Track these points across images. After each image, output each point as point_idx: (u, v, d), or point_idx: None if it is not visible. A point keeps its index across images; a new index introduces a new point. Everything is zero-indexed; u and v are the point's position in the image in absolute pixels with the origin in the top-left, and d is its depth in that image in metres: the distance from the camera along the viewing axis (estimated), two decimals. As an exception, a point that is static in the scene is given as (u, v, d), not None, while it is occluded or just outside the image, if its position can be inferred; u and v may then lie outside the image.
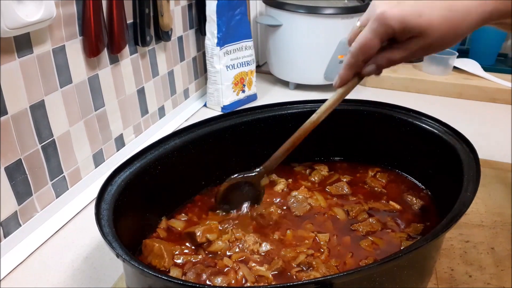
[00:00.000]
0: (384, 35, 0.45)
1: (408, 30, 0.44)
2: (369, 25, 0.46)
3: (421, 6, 0.44)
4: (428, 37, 0.44)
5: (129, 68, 0.76)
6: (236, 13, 0.93)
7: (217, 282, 0.44)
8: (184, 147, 0.56)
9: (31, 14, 0.52)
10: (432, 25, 0.43)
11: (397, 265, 0.40)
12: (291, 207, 0.57)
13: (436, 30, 0.43)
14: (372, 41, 0.46)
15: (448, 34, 0.44)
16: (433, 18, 0.43)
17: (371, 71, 0.49)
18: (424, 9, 0.44)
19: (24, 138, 0.56)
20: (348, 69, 0.50)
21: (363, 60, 0.48)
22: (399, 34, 0.45)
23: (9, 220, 0.56)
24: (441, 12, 0.43)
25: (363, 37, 0.46)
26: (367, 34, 0.46)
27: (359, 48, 0.47)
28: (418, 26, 0.43)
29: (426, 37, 0.44)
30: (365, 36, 0.46)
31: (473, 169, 0.48)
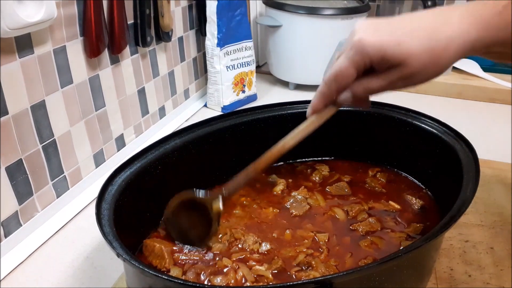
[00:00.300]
0: (360, 64, 0.43)
1: (386, 59, 0.41)
2: (345, 53, 0.43)
3: (401, 34, 0.41)
4: (407, 67, 0.41)
5: (130, 69, 0.76)
6: (236, 14, 0.93)
7: (216, 281, 0.45)
8: (184, 147, 0.57)
9: (32, 15, 0.52)
10: (411, 55, 0.41)
11: (396, 265, 0.40)
12: (290, 207, 0.58)
13: (416, 60, 0.41)
14: (348, 69, 0.44)
15: (429, 64, 0.41)
16: (413, 48, 0.41)
17: (346, 99, 0.46)
18: (403, 38, 0.41)
19: (24, 138, 0.57)
20: (320, 98, 0.48)
21: (337, 90, 0.46)
22: (377, 64, 0.42)
23: (10, 220, 0.56)
24: (421, 41, 0.41)
25: (338, 65, 0.44)
26: (342, 62, 0.44)
27: (333, 77, 0.45)
28: (397, 55, 0.41)
29: (406, 67, 0.41)
30: (341, 64, 0.44)
31: (473, 169, 0.48)
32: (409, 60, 0.41)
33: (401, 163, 0.64)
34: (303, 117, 0.52)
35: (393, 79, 0.43)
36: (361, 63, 0.43)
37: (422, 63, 0.41)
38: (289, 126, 0.63)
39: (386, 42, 0.41)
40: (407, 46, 0.41)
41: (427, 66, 0.41)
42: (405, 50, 0.41)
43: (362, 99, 0.47)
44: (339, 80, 0.45)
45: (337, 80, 0.45)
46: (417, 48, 0.41)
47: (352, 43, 0.42)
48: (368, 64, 0.43)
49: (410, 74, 0.42)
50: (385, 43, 0.41)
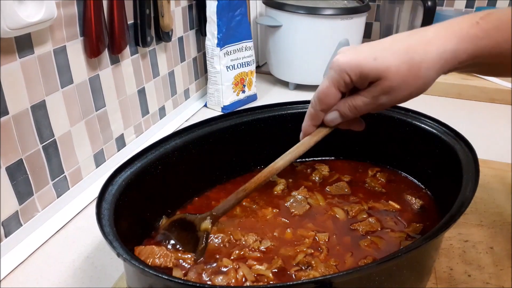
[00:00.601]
0: (340, 82, 0.44)
1: (364, 75, 0.43)
2: (327, 75, 0.46)
3: (377, 51, 0.43)
4: (387, 81, 0.42)
5: (130, 69, 0.76)
6: (236, 14, 0.93)
7: (217, 281, 0.45)
8: (184, 147, 0.57)
9: (32, 15, 0.52)
10: (389, 68, 0.42)
11: (396, 265, 0.40)
12: (290, 207, 0.58)
13: (395, 73, 0.42)
14: (329, 89, 0.45)
15: (409, 76, 0.42)
16: (390, 61, 0.42)
17: (334, 118, 0.48)
18: (379, 53, 0.42)
19: (25, 138, 0.57)
20: (308, 120, 0.49)
21: (322, 110, 0.48)
22: (357, 81, 0.43)
23: (10, 220, 0.57)
24: (398, 54, 0.42)
25: (320, 86, 0.46)
26: (323, 83, 0.46)
27: (317, 97, 0.47)
28: (374, 69, 0.42)
29: (385, 80, 0.42)
30: (323, 85, 0.46)
31: (472, 169, 0.48)
32: (387, 73, 0.42)
33: (401, 163, 0.65)
34: (303, 117, 0.52)
35: (375, 94, 0.44)
36: (340, 81, 0.44)
37: (401, 75, 0.42)
38: (289, 126, 0.63)
39: (362, 59, 0.42)
40: (383, 60, 0.42)
41: (407, 78, 0.42)
42: (381, 63, 0.42)
43: (353, 120, 0.49)
44: (322, 100, 0.47)
45: (320, 100, 0.47)
46: (394, 61, 0.42)
47: (331, 63, 0.45)
48: (349, 81, 0.44)
49: (391, 87, 0.42)
50: (362, 60, 0.42)
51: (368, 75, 0.43)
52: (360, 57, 0.43)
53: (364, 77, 0.43)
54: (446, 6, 1.38)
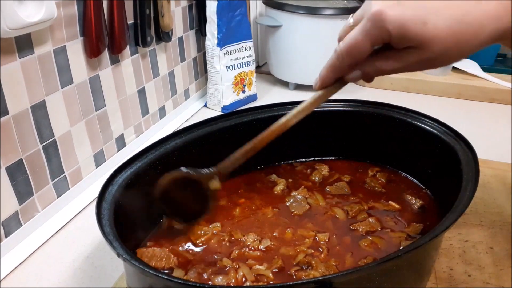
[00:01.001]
0: (377, 39, 0.38)
1: (407, 38, 0.37)
2: (361, 24, 0.39)
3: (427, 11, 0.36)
4: (429, 51, 0.37)
5: (130, 69, 0.76)
6: (236, 14, 0.93)
7: (217, 281, 0.45)
8: (184, 147, 0.57)
9: (32, 15, 0.52)
10: (435, 38, 0.36)
11: (396, 265, 0.40)
12: (290, 207, 0.58)
13: (440, 44, 0.36)
14: (363, 44, 0.39)
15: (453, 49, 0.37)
16: (439, 29, 0.36)
17: (356, 77, 0.42)
18: (430, 15, 0.36)
19: (25, 138, 0.57)
20: (330, 71, 0.43)
21: (349, 65, 0.42)
22: (396, 41, 0.38)
23: (10, 220, 0.57)
24: (449, 22, 0.36)
25: (353, 38, 0.39)
26: (357, 35, 0.39)
27: (346, 50, 0.41)
28: (420, 36, 0.36)
29: (427, 50, 0.37)
30: (355, 38, 0.39)
31: (472, 169, 0.48)
32: (432, 43, 0.36)
33: (401, 163, 0.65)
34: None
35: (411, 62, 0.39)
36: (378, 38, 0.38)
37: (445, 48, 0.36)
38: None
39: (409, 19, 0.36)
40: (433, 26, 0.36)
41: (450, 50, 0.37)
42: (430, 31, 0.36)
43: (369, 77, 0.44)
44: (353, 55, 0.40)
45: (351, 54, 0.40)
46: (443, 31, 0.36)
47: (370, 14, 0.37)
48: (386, 40, 0.38)
49: (430, 58, 0.38)
50: (409, 20, 0.36)
51: (411, 40, 0.37)
52: (406, 15, 0.36)
53: (406, 40, 0.37)
54: (446, 6, 1.37)
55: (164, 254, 0.47)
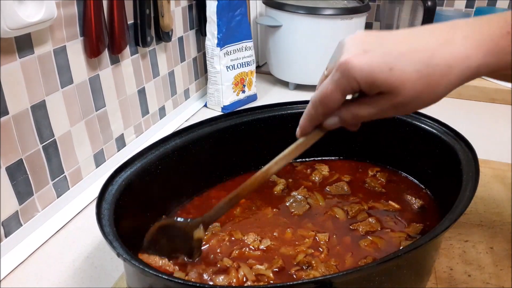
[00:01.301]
0: (347, 88, 0.39)
1: (376, 85, 0.37)
2: (331, 75, 0.39)
3: (393, 57, 0.36)
4: (399, 96, 0.37)
5: (130, 69, 0.76)
6: (236, 14, 0.93)
7: (219, 281, 0.45)
8: (184, 147, 0.57)
9: (32, 15, 0.52)
10: (404, 83, 0.36)
11: (396, 265, 0.40)
12: (290, 206, 0.58)
13: (410, 89, 0.37)
14: (333, 93, 0.39)
15: (423, 93, 0.37)
16: (407, 74, 0.36)
17: (334, 124, 0.43)
18: (396, 61, 0.36)
19: (25, 138, 0.57)
20: (307, 120, 0.44)
21: (323, 114, 0.42)
22: (366, 89, 0.38)
23: (10, 220, 0.57)
24: (417, 66, 0.36)
25: (324, 88, 0.40)
26: (328, 85, 0.39)
27: (319, 100, 0.41)
28: (388, 82, 0.36)
29: (398, 95, 0.37)
30: (326, 87, 0.40)
31: (472, 169, 0.48)
32: (401, 87, 0.37)
33: (401, 163, 0.65)
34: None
35: (383, 107, 0.39)
36: (348, 88, 0.39)
37: (416, 92, 0.37)
38: (289, 126, 0.63)
39: (376, 66, 0.37)
40: (400, 72, 0.36)
41: (421, 94, 0.37)
42: (397, 76, 0.36)
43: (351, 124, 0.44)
44: (325, 104, 0.41)
45: (323, 103, 0.41)
46: (411, 75, 0.36)
47: (338, 64, 0.38)
48: (357, 89, 0.39)
49: (402, 102, 0.38)
50: (375, 68, 0.36)
51: (380, 86, 0.37)
52: (373, 63, 0.37)
53: (375, 87, 0.38)
54: (446, 6, 1.38)
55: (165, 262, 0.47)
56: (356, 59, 0.37)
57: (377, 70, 0.36)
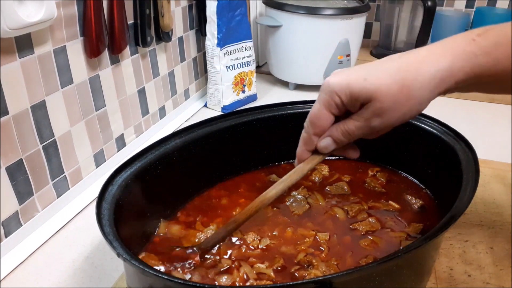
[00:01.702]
0: (331, 104, 0.43)
1: (355, 96, 0.41)
2: (318, 97, 0.45)
3: (367, 71, 0.41)
4: (377, 101, 0.40)
5: (130, 69, 0.76)
6: (236, 14, 0.93)
7: (222, 281, 0.45)
8: (184, 147, 0.57)
9: (32, 15, 0.52)
10: (379, 88, 0.40)
11: (396, 265, 0.40)
12: (290, 206, 0.58)
13: (386, 93, 0.40)
14: (320, 111, 0.44)
15: (400, 97, 0.40)
16: (380, 80, 0.40)
17: (327, 145, 0.46)
18: (370, 72, 0.41)
19: (25, 138, 0.57)
20: (302, 145, 0.48)
21: (315, 134, 0.46)
22: (348, 102, 0.42)
23: (10, 220, 0.57)
24: (388, 73, 0.40)
25: (313, 109, 0.45)
26: (316, 106, 0.45)
27: (309, 120, 0.46)
28: (363, 89, 0.40)
29: (376, 101, 0.40)
30: (314, 108, 0.45)
31: (472, 169, 0.48)
32: (377, 94, 0.40)
33: (401, 163, 0.65)
34: (303, 117, 0.52)
35: (367, 117, 0.42)
36: (331, 102, 0.43)
37: (392, 96, 0.40)
38: (289, 126, 0.63)
39: (352, 79, 0.41)
40: (374, 79, 0.40)
41: (398, 98, 0.40)
42: (371, 83, 0.40)
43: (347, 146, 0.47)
44: (314, 123, 0.45)
45: (312, 123, 0.46)
46: (385, 81, 0.40)
47: (322, 86, 0.44)
48: (339, 103, 0.43)
49: (382, 109, 0.41)
50: (352, 80, 0.41)
51: (358, 96, 0.41)
52: (350, 77, 0.42)
53: (354, 98, 0.42)
54: (446, 6, 1.38)
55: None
56: (334, 77, 0.43)
57: (353, 82, 0.41)
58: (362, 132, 0.44)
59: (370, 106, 0.41)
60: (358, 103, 0.42)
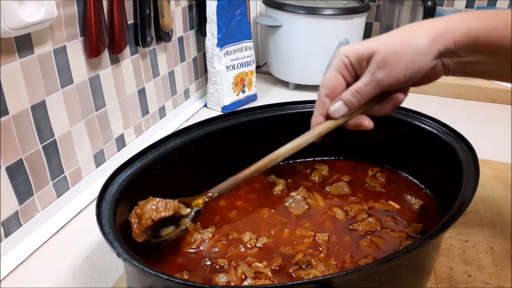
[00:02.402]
0: (340, 65, 0.47)
1: (360, 54, 0.46)
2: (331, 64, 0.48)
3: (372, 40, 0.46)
4: (380, 53, 0.44)
5: (130, 69, 0.76)
6: (236, 14, 0.93)
7: (219, 280, 0.45)
8: (184, 147, 0.57)
9: (32, 15, 0.52)
10: (382, 42, 0.45)
11: (396, 265, 0.40)
12: (289, 207, 0.58)
13: (387, 46, 0.44)
14: (331, 73, 0.48)
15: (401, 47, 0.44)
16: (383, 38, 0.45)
17: (338, 108, 0.48)
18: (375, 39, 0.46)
19: (25, 138, 0.57)
20: (315, 109, 0.50)
21: (326, 95, 0.48)
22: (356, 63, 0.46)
23: (10, 220, 0.57)
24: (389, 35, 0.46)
25: (325, 74, 0.48)
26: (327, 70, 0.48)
27: (321, 84, 0.49)
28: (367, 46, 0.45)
29: (379, 53, 0.44)
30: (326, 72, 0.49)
31: (472, 169, 0.48)
32: (379, 47, 0.44)
33: (401, 163, 0.65)
34: (303, 117, 0.53)
35: (372, 70, 0.45)
36: (340, 63, 0.47)
37: (393, 47, 0.44)
38: (289, 126, 0.63)
39: (359, 45, 0.46)
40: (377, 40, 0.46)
41: (398, 49, 0.44)
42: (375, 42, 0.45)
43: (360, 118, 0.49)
44: (324, 84, 0.48)
45: (323, 85, 0.48)
46: (386, 39, 0.45)
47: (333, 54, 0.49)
48: (348, 63, 0.47)
49: (384, 59, 0.44)
50: (358, 46, 0.46)
51: (363, 53, 0.45)
52: (357, 45, 0.47)
53: (360, 56, 0.46)
54: (446, 6, 1.38)
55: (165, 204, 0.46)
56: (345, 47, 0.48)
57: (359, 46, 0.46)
58: (370, 88, 0.46)
59: (374, 59, 0.45)
60: (364, 62, 0.46)
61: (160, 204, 0.46)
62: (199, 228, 0.53)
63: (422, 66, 0.44)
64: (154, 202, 0.46)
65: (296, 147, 0.49)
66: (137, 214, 0.46)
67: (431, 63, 0.44)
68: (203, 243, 0.51)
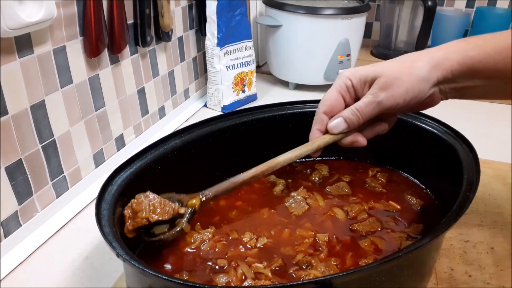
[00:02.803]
0: (342, 86, 0.49)
1: (363, 76, 0.48)
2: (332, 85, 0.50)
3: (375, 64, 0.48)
4: (383, 77, 0.46)
5: (130, 69, 0.76)
6: (236, 14, 0.93)
7: (219, 280, 0.45)
8: (184, 147, 0.57)
9: (32, 15, 0.52)
10: (384, 67, 0.47)
11: (397, 265, 0.40)
12: (289, 207, 0.58)
13: (390, 70, 0.46)
14: (331, 92, 0.49)
15: (402, 73, 0.46)
16: (387, 63, 0.48)
17: (337, 124, 0.49)
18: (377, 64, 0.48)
19: (24, 138, 0.57)
20: (313, 124, 0.51)
21: (324, 112, 0.50)
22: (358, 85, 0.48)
23: (10, 220, 0.56)
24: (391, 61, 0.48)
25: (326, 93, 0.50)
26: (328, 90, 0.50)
27: (320, 102, 0.50)
28: (371, 71, 0.47)
29: (381, 77, 0.46)
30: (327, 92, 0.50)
31: (473, 169, 0.48)
32: (382, 71, 0.47)
33: (401, 163, 0.64)
34: (303, 117, 0.52)
35: (374, 92, 0.47)
36: (342, 84, 0.49)
37: (396, 72, 0.46)
38: (289, 126, 0.63)
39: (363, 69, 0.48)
40: (381, 65, 0.48)
41: (400, 74, 0.46)
42: (379, 67, 0.47)
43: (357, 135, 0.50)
44: (323, 102, 0.50)
45: (322, 103, 0.50)
46: (390, 65, 0.47)
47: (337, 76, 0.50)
48: (350, 84, 0.49)
49: (386, 83, 0.46)
50: (363, 69, 0.48)
51: (366, 76, 0.48)
52: (361, 67, 0.49)
53: (363, 78, 0.48)
54: (447, 6, 1.38)
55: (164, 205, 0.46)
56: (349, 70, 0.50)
57: (362, 69, 0.48)
58: (370, 108, 0.48)
59: (377, 82, 0.47)
60: (367, 85, 0.48)
61: (158, 204, 0.46)
62: (199, 228, 0.53)
63: (421, 92, 0.46)
64: (152, 201, 0.46)
65: (295, 157, 0.51)
66: (133, 208, 0.46)
67: (429, 90, 0.46)
68: (203, 244, 0.51)
